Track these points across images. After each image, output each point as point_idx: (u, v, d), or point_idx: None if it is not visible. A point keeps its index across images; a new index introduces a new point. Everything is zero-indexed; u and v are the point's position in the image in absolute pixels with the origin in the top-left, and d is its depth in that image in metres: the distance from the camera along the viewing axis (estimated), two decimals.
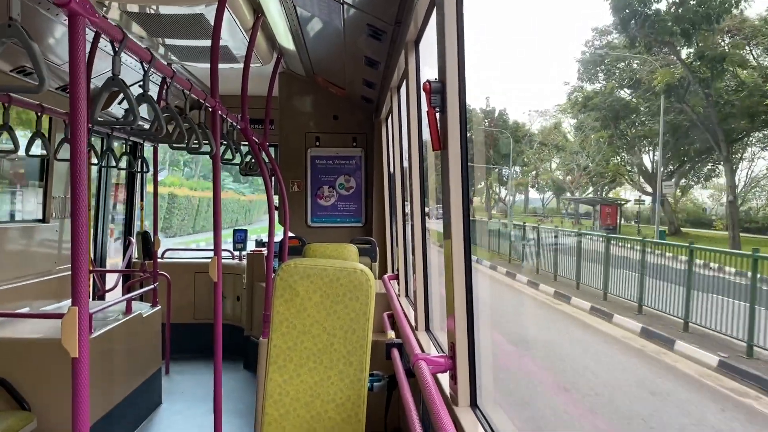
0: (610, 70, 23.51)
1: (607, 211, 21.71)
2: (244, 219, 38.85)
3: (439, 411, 2.05)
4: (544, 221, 27.41)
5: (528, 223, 21.38)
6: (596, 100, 23.55)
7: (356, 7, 3.80)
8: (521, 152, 31.87)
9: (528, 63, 46.81)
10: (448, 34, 2.37)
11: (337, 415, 2.87)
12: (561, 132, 30.67)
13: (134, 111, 2.71)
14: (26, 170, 5.77)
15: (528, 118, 42.66)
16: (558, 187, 31.53)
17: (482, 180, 30.97)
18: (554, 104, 38.65)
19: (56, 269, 5.59)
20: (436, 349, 3.42)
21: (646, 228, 20.50)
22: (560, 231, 18.31)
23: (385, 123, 6.85)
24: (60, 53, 4.62)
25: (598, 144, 25.93)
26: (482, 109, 32.39)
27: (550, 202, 33.93)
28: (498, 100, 48.99)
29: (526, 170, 32.65)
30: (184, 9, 4.06)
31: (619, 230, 20.14)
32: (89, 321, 4.48)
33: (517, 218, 28.36)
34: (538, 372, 9.23)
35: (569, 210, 29.52)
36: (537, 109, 38.74)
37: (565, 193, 31.24)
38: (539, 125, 32.84)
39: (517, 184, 33.00)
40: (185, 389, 6.58)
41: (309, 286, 2.90)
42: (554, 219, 29.03)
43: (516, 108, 54.52)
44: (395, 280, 5.69)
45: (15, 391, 4.11)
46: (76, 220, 1.96)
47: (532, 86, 52.51)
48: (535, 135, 32.21)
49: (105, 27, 2.35)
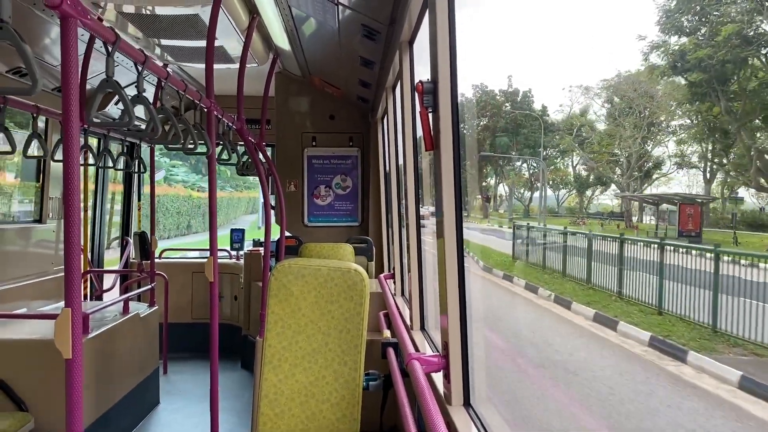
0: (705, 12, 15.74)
1: (688, 212, 15.82)
2: (218, 219, 35.81)
3: (431, 410, 2.06)
4: (580, 224, 22.25)
5: (552, 226, 17.83)
6: (701, 53, 15.31)
7: (351, 7, 3.81)
8: (552, 138, 26.31)
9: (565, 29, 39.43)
10: (440, 35, 2.38)
11: (332, 415, 2.88)
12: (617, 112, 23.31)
13: (129, 112, 2.72)
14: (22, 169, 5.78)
15: (569, 95, 36.66)
16: (600, 182, 25.65)
17: (492, 176, 27.21)
18: (600, 79, 30.68)
19: (53, 270, 5.60)
20: (431, 349, 3.43)
21: (746, 236, 14.96)
22: (625, 238, 12.37)
23: (381, 123, 6.87)
24: (56, 54, 4.63)
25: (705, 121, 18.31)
26: (503, 91, 27.76)
27: (565, 199, 28.57)
28: (525, 78, 41.48)
29: (553, 162, 26.79)
30: (180, 10, 4.07)
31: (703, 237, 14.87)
32: (86, 321, 4.51)
33: (533, 219, 23.58)
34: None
35: (617, 209, 23.81)
36: (580, 85, 30.07)
37: (593, 190, 25.80)
38: (580, 105, 26.77)
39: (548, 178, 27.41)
40: (183, 389, 6.59)
41: (303, 286, 2.92)
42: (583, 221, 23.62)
43: (551, 85, 43.97)
44: (391, 279, 5.70)
45: (12, 392, 4.12)
46: (69, 221, 1.97)
47: (572, 56, 42.38)
48: (574, 118, 26.30)
49: (97, 29, 2.36)
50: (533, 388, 8.16)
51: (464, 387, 2.39)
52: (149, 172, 6.87)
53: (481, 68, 40.40)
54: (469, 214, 26.89)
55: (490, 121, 27.34)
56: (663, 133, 22.12)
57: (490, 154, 27.09)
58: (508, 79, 29.95)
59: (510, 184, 28.54)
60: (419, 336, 3.76)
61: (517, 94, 27.75)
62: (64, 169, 1.97)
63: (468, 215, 16.53)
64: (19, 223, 5.44)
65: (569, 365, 9.04)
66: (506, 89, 27.84)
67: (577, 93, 28.88)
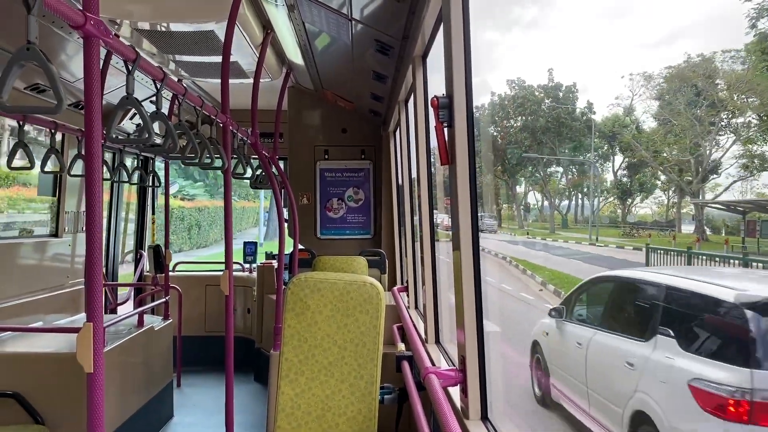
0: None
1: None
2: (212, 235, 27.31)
3: (450, 424, 2.06)
4: (637, 236, 18.26)
5: (606, 238, 14.97)
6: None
7: (364, 22, 3.85)
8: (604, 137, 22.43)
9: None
10: (455, 50, 2.40)
11: (349, 429, 2.88)
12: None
13: (149, 129, 2.75)
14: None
15: (629, 83, 28.15)
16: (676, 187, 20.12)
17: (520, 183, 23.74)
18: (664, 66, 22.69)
19: (69, 283, 5.65)
20: (446, 362, 3.42)
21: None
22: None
23: (393, 136, 6.90)
24: (72, 69, 4.70)
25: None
26: (541, 86, 24.60)
27: (600, 208, 24.42)
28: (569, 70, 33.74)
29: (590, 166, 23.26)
30: (195, 26, 4.12)
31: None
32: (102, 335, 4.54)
33: (573, 230, 20.69)
34: None
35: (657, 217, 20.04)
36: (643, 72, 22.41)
37: (635, 198, 22.13)
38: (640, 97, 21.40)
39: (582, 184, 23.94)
40: (196, 402, 6.60)
41: (319, 299, 2.93)
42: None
43: (601, 77, 36.44)
44: (404, 292, 5.70)
45: (29, 405, 4.14)
46: (90, 236, 2.00)
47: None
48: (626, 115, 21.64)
49: (119, 47, 2.40)
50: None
51: (482, 401, 2.39)
52: (163, 186, 6.93)
53: (519, 62, 34.85)
54: (501, 224, 23.84)
55: (528, 120, 24.01)
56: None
57: (533, 155, 23.38)
58: (549, 73, 25.52)
59: (553, 190, 25.17)
60: (434, 349, 3.76)
61: (559, 89, 24.64)
62: (87, 184, 2.00)
63: (496, 225, 13.49)
64: (36, 237, 5.50)
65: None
66: (546, 84, 24.64)
67: (636, 82, 22.45)
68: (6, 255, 4.85)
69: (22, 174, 6.01)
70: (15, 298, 4.85)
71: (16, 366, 4.20)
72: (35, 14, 1.78)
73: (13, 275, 4.90)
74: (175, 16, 4.06)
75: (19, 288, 4.93)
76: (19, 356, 4.28)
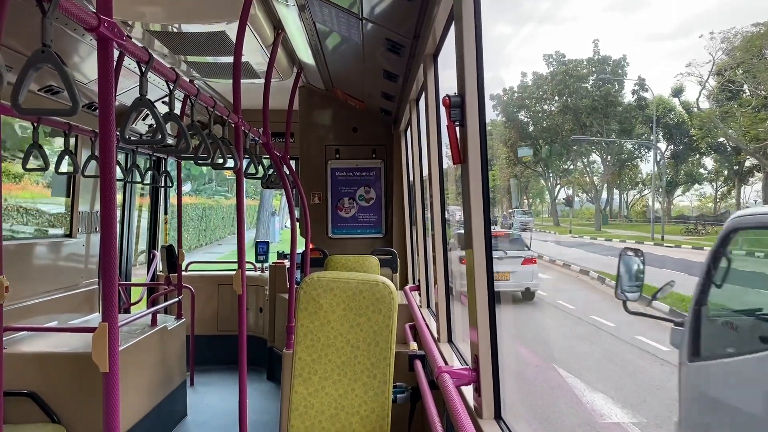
0: None
1: None
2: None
3: (464, 424, 2.06)
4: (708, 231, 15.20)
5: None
6: None
7: (375, 21, 3.85)
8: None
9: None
10: (467, 49, 2.40)
11: (362, 428, 2.88)
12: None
13: (162, 130, 2.76)
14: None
15: (708, 44, 27.66)
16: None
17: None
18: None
19: (83, 283, 5.69)
20: (459, 361, 3.42)
21: None
22: None
23: (404, 135, 6.89)
24: (84, 71, 4.73)
25: None
26: (589, 60, 23.83)
27: (635, 202, 23.42)
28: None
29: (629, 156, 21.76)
30: (206, 27, 4.14)
31: None
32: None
33: (617, 227, 18.42)
34: None
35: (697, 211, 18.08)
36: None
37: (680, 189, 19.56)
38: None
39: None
40: (210, 401, 6.63)
41: (332, 299, 2.93)
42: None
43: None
44: (416, 291, 5.70)
45: (45, 404, 4.18)
46: (106, 237, 2.01)
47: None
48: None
49: (132, 49, 2.42)
50: None
51: (495, 400, 2.39)
52: (176, 186, 6.96)
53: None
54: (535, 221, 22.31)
55: (570, 100, 23.08)
56: None
57: (581, 137, 22.32)
58: (594, 44, 24.49)
59: (603, 181, 24.36)
60: (447, 348, 3.75)
61: (606, 62, 23.71)
62: (101, 185, 2.01)
63: (532, 223, 11.35)
64: (51, 237, 5.54)
65: None
66: (592, 57, 23.65)
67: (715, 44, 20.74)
68: (21, 255, 4.90)
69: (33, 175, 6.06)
70: (30, 298, 4.89)
71: (32, 365, 4.24)
72: (50, 17, 1.80)
73: (29, 275, 4.94)
74: (187, 17, 4.08)
75: (34, 288, 4.97)
76: (35, 356, 4.32)
